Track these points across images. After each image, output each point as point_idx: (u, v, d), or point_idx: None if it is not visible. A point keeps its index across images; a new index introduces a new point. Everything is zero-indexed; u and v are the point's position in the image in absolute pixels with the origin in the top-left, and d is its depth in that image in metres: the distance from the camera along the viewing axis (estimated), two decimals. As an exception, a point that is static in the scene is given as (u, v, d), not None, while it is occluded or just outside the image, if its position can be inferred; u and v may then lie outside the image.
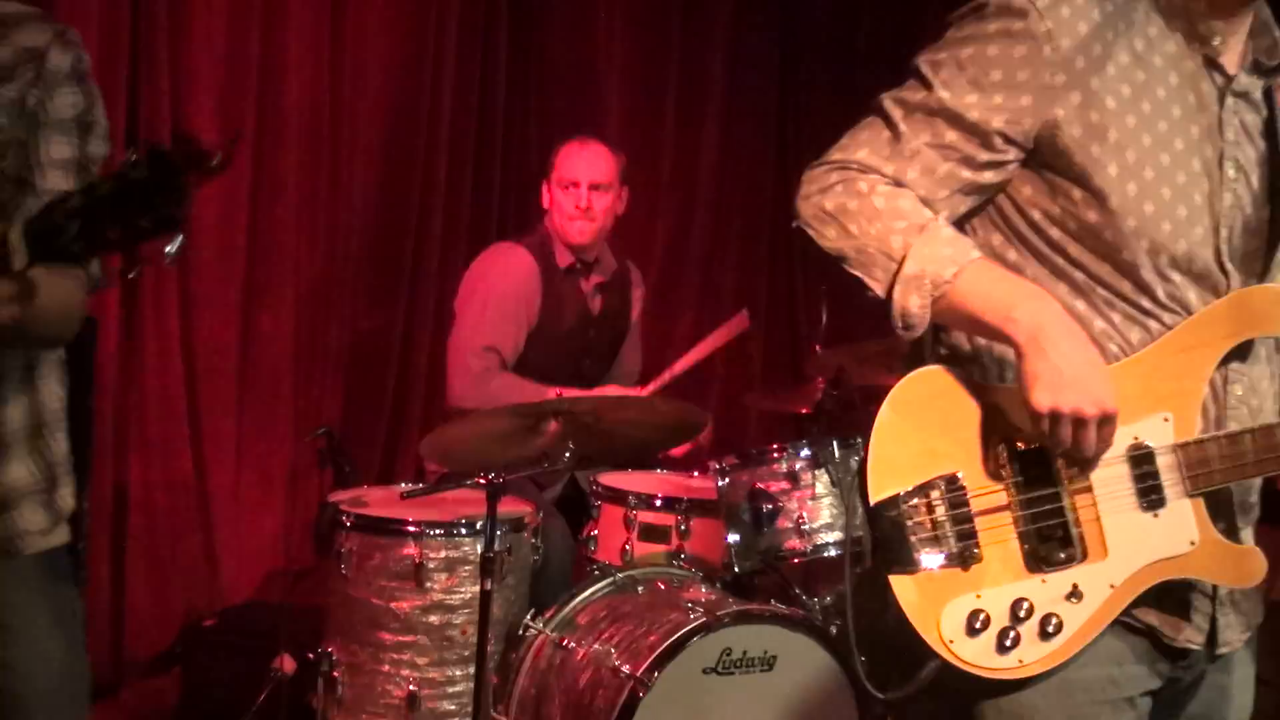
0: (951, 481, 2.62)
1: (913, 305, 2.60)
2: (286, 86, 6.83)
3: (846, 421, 5.44)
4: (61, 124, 2.87)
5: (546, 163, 6.11)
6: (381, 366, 7.28)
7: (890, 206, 2.62)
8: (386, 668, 4.88)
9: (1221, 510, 2.68)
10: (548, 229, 6.04)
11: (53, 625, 3.04)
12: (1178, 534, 2.62)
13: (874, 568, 2.62)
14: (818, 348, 6.38)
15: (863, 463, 2.63)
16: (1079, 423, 2.50)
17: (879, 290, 2.63)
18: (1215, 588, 2.69)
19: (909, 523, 2.59)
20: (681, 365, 6.09)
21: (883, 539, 2.60)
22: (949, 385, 2.67)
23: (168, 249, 2.22)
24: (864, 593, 2.69)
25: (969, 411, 2.65)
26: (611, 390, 5.91)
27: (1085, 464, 2.60)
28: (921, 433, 2.64)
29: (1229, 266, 2.68)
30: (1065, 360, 2.49)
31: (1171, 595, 2.66)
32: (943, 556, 2.59)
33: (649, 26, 8.42)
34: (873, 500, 2.61)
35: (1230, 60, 2.70)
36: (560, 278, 5.97)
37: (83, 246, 2.25)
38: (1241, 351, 2.68)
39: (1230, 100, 2.70)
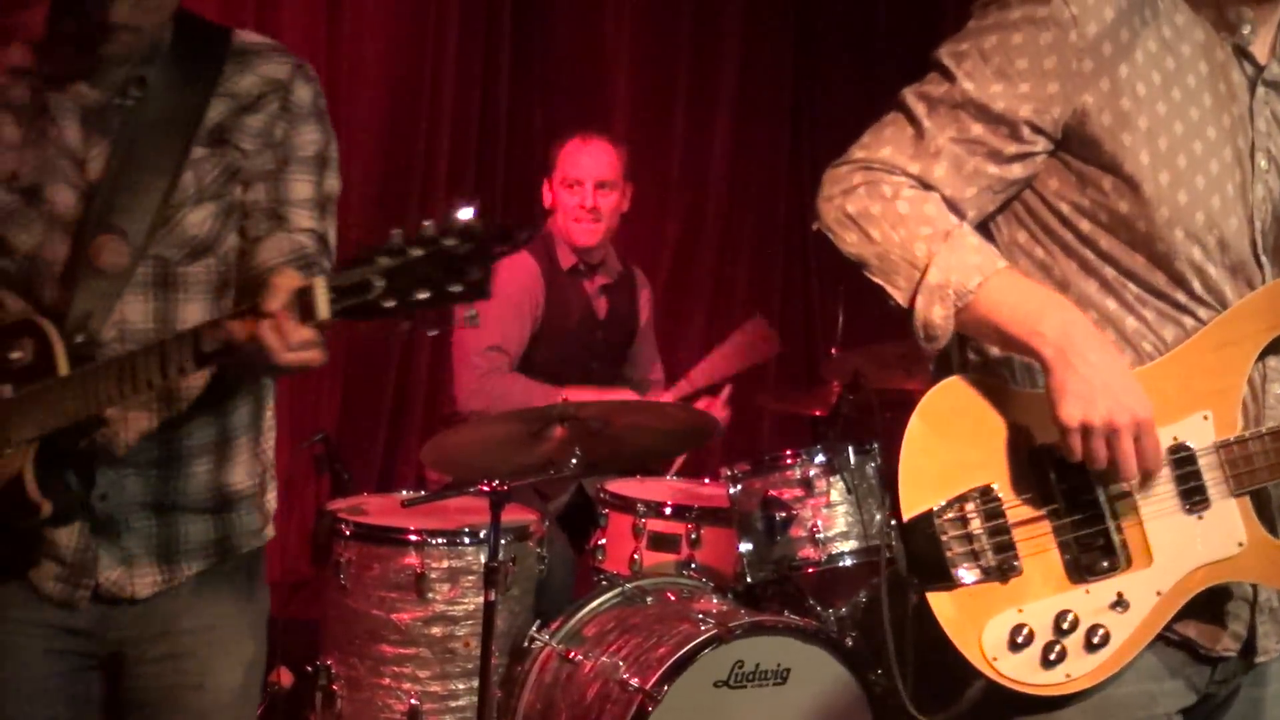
0: (986, 493, 2.55)
1: (936, 316, 2.54)
2: (280, 78, 6.66)
3: (863, 426, 5.35)
4: (304, 161, 3.02)
5: (547, 159, 6.01)
6: (381, 370, 7.21)
7: (915, 211, 2.56)
8: (387, 681, 4.80)
9: (1261, 513, 2.62)
10: (550, 229, 5.94)
11: (252, 627, 3.22)
12: (1224, 536, 2.57)
13: (906, 585, 2.56)
14: (834, 350, 6.30)
15: (893, 477, 2.56)
16: (1113, 435, 2.44)
17: (901, 299, 2.58)
18: (1255, 594, 2.65)
19: (944, 538, 2.52)
20: (703, 375, 5.98)
21: (918, 556, 2.54)
22: (979, 394, 2.61)
23: (468, 314, 2.64)
24: (891, 608, 2.65)
25: (1001, 420, 2.59)
26: (625, 394, 5.78)
27: (1126, 491, 2.55)
28: (953, 444, 2.58)
29: (1264, 260, 2.65)
30: (1093, 371, 2.43)
31: (1210, 604, 2.61)
32: (981, 571, 2.52)
33: (658, 16, 8.38)
34: (905, 516, 2.54)
35: (1260, 49, 2.67)
36: (564, 279, 5.90)
37: (393, 306, 2.44)
38: (1278, 346, 2.64)
39: (1261, 90, 2.67)
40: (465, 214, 2.43)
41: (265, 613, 3.28)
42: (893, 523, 2.57)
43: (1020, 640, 2.49)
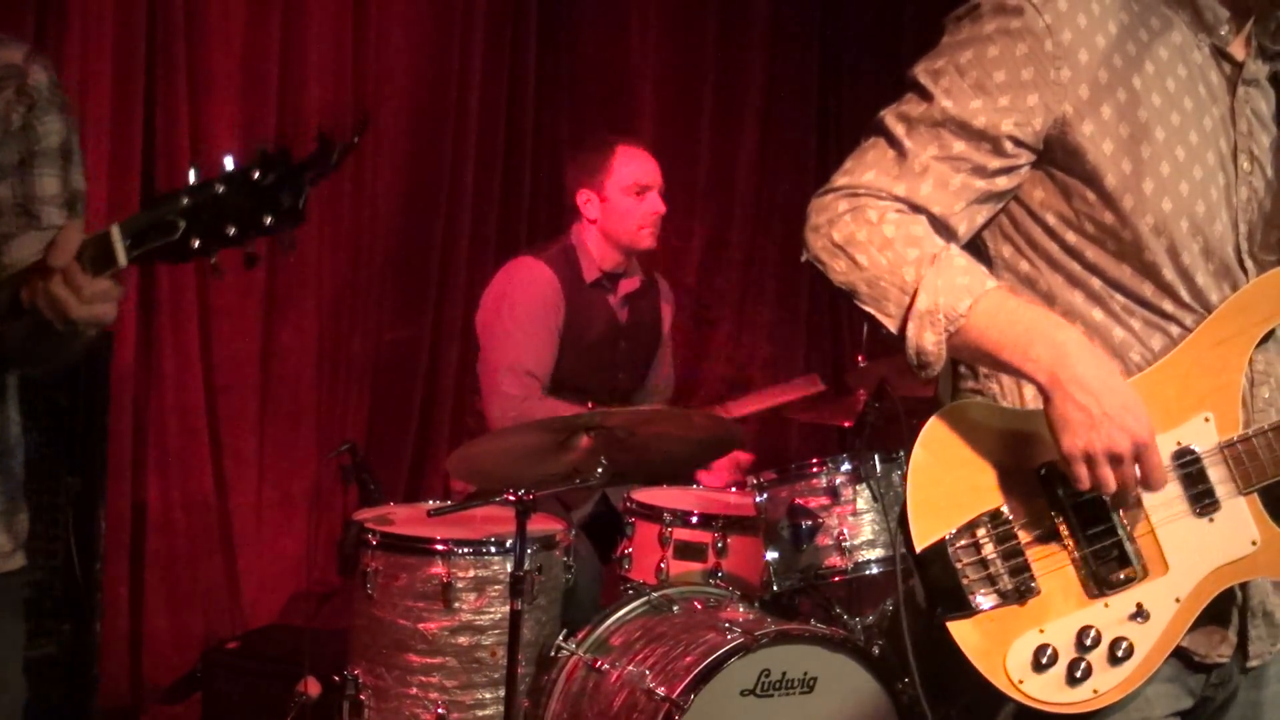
0: (996, 516, 2.55)
1: (928, 342, 2.53)
2: (307, 89, 6.74)
3: (889, 435, 5.31)
4: (48, 154, 2.93)
5: (587, 167, 5.90)
6: (408, 380, 7.20)
7: (901, 234, 2.56)
8: (414, 691, 4.79)
9: (1275, 509, 2.64)
10: (573, 241, 5.89)
11: (7, 657, 3.03)
12: (1237, 536, 2.59)
13: (929, 614, 2.56)
14: (860, 359, 6.29)
15: (903, 510, 2.56)
16: (1116, 460, 2.44)
17: (892, 326, 2.58)
18: (1245, 599, 2.67)
19: (959, 565, 2.53)
20: (741, 410, 5.98)
21: (935, 586, 2.54)
22: (979, 418, 2.61)
23: (284, 242, 2.37)
24: (914, 627, 2.66)
25: (1003, 442, 2.59)
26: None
27: (1136, 501, 2.54)
28: (958, 471, 2.57)
29: (1248, 264, 2.67)
30: (1092, 398, 2.42)
31: (1202, 612, 2.60)
32: (998, 595, 2.53)
33: (684, 23, 8.36)
34: (918, 548, 2.55)
35: (1238, 48, 2.70)
36: (586, 292, 5.85)
37: (200, 244, 2.34)
38: (1266, 346, 2.67)
39: (1242, 90, 2.69)
40: (261, 146, 2.36)
41: (17, 647, 3.08)
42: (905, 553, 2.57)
43: (1045, 660, 2.49)
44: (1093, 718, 2.55)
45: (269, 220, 2.32)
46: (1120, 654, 2.50)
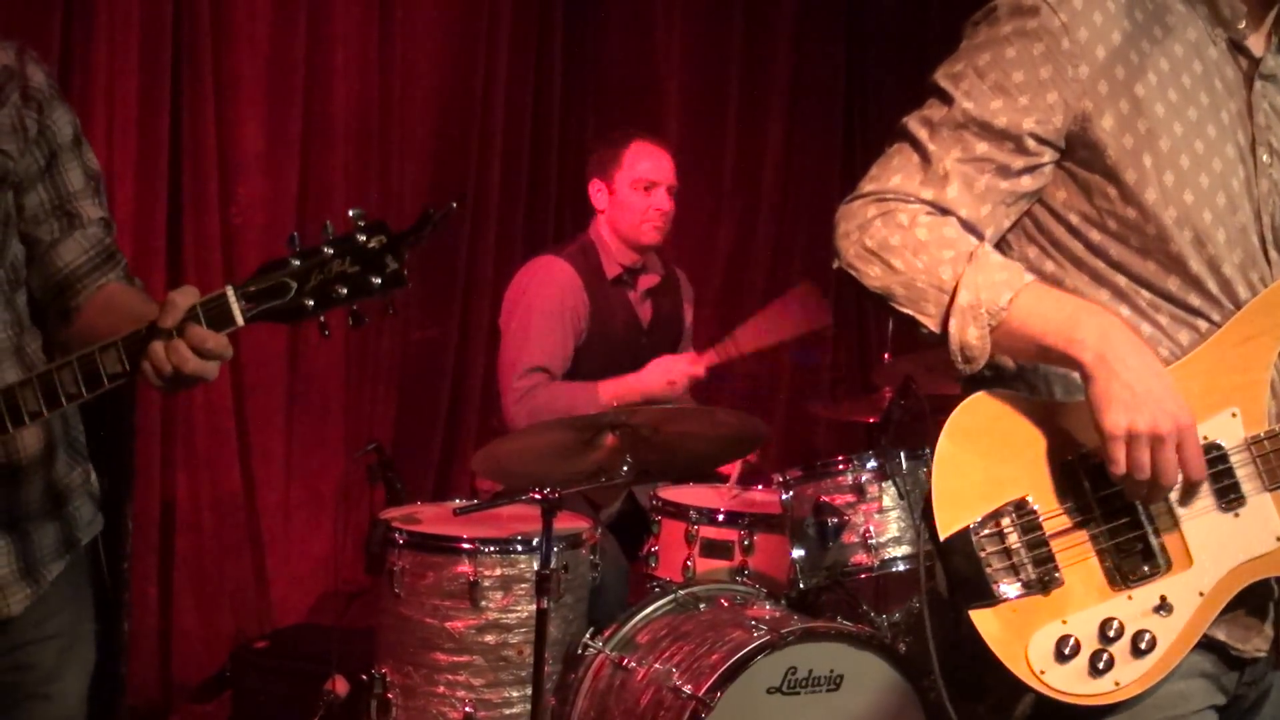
0: (1021, 506, 2.54)
1: (971, 337, 2.53)
2: (334, 88, 6.77)
3: (915, 432, 5.31)
4: (67, 147, 3.00)
5: (602, 159, 5.92)
6: (435, 379, 7.21)
7: (935, 236, 2.57)
8: (441, 689, 4.81)
9: None
10: (593, 237, 5.90)
11: (91, 633, 3.22)
12: (1262, 531, 2.57)
13: (951, 604, 2.55)
14: (886, 356, 6.27)
15: (927, 499, 2.56)
16: (1157, 442, 2.42)
17: (933, 325, 2.57)
18: (1279, 593, 2.64)
19: (983, 554, 2.52)
20: (748, 339, 5.89)
21: (958, 575, 2.54)
22: (1006, 408, 2.60)
23: (388, 305, 2.58)
24: (942, 625, 2.63)
25: (1030, 432, 2.59)
26: (659, 369, 5.76)
27: (1168, 487, 2.49)
28: (984, 460, 2.57)
29: (1273, 255, 2.66)
30: (1136, 377, 2.41)
31: (1238, 605, 2.60)
32: (1022, 585, 2.52)
33: (709, 23, 8.36)
34: (942, 536, 2.54)
35: (1256, 43, 2.69)
36: (608, 288, 5.85)
37: (313, 305, 2.52)
38: None
39: (1258, 84, 2.68)
40: (359, 212, 2.53)
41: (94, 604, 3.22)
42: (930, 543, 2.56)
43: (1067, 651, 2.49)
44: (1131, 714, 2.55)
45: (377, 282, 2.51)
46: (1143, 646, 2.49)
